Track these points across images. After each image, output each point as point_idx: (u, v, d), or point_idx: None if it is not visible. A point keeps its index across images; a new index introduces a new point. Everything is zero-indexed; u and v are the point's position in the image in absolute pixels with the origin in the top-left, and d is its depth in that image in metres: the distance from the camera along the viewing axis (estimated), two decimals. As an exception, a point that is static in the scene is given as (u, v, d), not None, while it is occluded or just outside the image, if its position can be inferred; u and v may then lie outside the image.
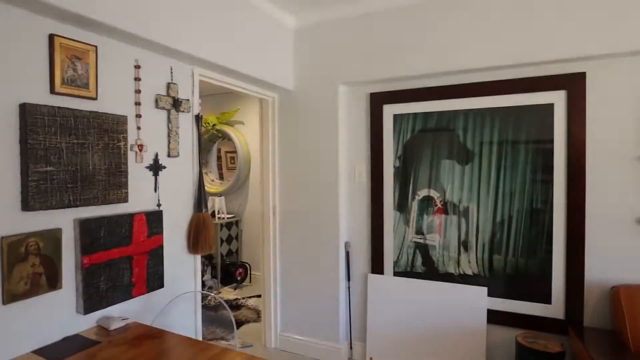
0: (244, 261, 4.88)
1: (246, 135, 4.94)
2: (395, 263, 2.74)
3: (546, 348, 2.10)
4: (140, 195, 1.97)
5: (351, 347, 2.90)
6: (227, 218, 4.77)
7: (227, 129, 4.85)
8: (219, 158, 5.37)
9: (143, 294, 1.93)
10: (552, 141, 2.32)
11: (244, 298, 4.24)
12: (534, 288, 2.38)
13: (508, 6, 2.30)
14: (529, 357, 2.12)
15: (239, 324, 3.58)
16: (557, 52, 2.21)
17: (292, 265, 3.01)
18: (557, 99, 2.30)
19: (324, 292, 2.88)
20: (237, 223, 4.91)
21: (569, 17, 2.17)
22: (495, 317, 2.46)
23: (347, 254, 2.88)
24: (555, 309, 2.33)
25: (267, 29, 2.68)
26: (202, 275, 4.65)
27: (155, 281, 1.99)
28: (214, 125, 4.86)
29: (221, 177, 5.32)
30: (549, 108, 2.32)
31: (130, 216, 1.86)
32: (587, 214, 2.25)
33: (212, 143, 5.25)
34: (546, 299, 2.35)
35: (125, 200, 1.85)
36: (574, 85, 2.25)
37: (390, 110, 2.73)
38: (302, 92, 2.94)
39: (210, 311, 3.87)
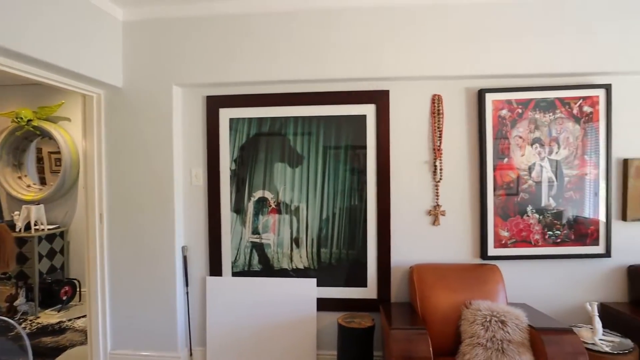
0: (71, 278, 4.27)
1: (74, 134, 4.34)
2: (234, 263, 2.80)
3: (360, 325, 2.44)
4: None
5: (191, 354, 2.84)
6: (49, 229, 4.10)
7: (47, 126, 4.18)
8: (39, 160, 4.59)
9: None
10: (365, 147, 2.70)
11: (70, 320, 3.72)
12: (354, 275, 2.73)
13: (329, 28, 2.60)
14: (347, 334, 2.44)
15: (63, 349, 3.14)
16: (367, 71, 2.59)
17: (123, 277, 2.78)
18: (369, 111, 2.70)
19: (160, 300, 2.74)
20: (62, 234, 4.27)
21: (378, 43, 2.57)
22: (324, 304, 2.73)
23: (185, 258, 2.81)
24: (370, 291, 2.72)
25: (87, 16, 2.42)
26: (14, 300, 3.90)
27: None
28: (29, 120, 4.13)
29: (43, 181, 4.55)
30: (363, 119, 2.70)
31: None
32: (391, 208, 2.70)
33: (29, 142, 4.46)
34: (363, 283, 2.72)
35: None
36: (380, 100, 2.67)
37: (226, 114, 2.78)
38: (133, 90, 2.75)
39: (20, 341, 3.28)
